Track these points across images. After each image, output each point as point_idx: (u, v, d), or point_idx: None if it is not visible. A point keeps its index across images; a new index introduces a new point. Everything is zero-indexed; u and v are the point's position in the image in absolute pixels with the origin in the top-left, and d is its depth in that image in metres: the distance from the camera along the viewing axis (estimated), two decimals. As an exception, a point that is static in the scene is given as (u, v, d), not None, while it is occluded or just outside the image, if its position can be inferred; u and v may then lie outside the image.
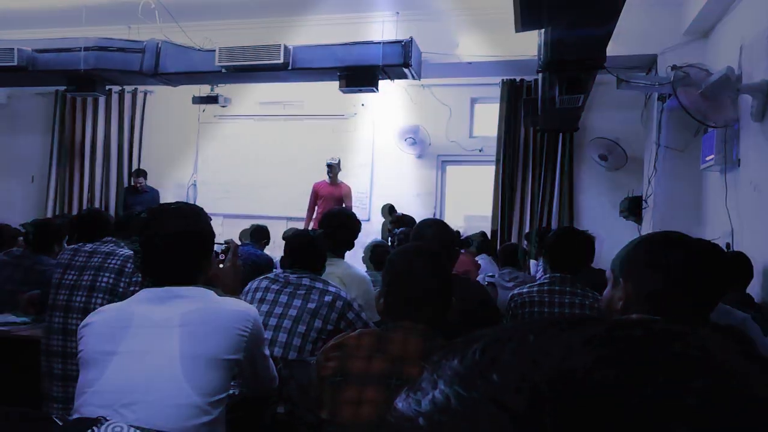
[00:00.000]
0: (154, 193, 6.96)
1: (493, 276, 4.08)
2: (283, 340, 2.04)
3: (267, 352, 1.58)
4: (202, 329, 1.40)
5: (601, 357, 0.24)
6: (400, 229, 5.28)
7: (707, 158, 4.08)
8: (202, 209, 1.59)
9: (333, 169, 6.34)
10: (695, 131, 4.50)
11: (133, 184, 7.00)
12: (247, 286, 2.24)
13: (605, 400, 0.22)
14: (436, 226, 2.26)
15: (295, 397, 1.66)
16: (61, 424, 0.97)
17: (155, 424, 1.27)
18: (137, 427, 1.17)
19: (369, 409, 1.31)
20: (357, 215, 2.99)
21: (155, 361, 1.37)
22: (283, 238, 2.53)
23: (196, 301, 1.44)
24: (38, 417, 0.89)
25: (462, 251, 3.59)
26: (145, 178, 6.92)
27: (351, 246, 2.77)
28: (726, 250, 3.46)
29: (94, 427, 0.97)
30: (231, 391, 1.49)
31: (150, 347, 1.38)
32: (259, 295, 2.17)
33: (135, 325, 1.40)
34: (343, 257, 2.71)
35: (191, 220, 1.51)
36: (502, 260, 4.16)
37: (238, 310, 1.47)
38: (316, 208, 6.41)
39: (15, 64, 5.28)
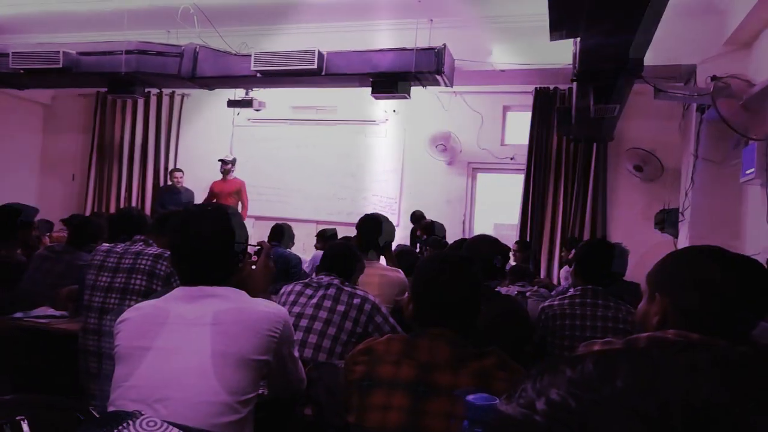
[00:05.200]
0: (189, 194, 7.11)
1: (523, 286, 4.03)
2: (313, 341, 2.06)
3: (297, 353, 1.60)
4: (234, 329, 1.43)
5: (725, 379, 0.26)
6: (431, 237, 5.26)
7: (747, 171, 3.96)
8: (236, 210, 1.62)
9: (224, 165, 6.87)
10: (735, 143, 4.38)
11: (171, 181, 7.18)
12: (282, 289, 2.28)
13: (729, 418, 0.23)
14: (488, 244, 2.27)
15: (323, 399, 1.67)
16: (97, 416, 1.00)
17: (186, 420, 1.29)
18: (170, 423, 1.19)
19: (396, 414, 1.31)
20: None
21: (187, 359, 1.39)
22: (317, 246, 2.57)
23: (229, 301, 1.47)
24: (77, 407, 0.91)
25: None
26: (183, 175, 7.12)
27: (387, 247, 2.84)
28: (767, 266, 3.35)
29: (129, 421, 1.00)
30: (260, 391, 1.51)
31: (183, 344, 1.41)
32: (292, 298, 2.20)
33: (170, 322, 1.44)
34: (378, 259, 2.76)
35: (226, 222, 1.54)
36: (511, 279, 4.13)
37: (269, 311, 1.49)
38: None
39: (60, 66, 5.47)
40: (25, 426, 1.12)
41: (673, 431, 0.23)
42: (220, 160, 6.91)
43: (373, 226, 2.79)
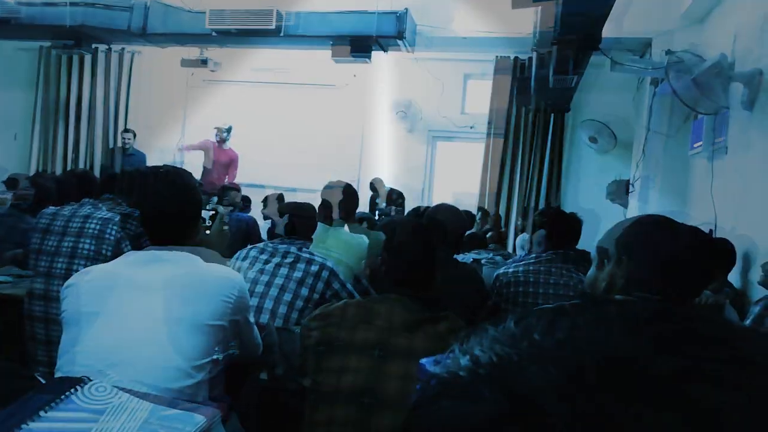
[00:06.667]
0: (141, 156, 6.87)
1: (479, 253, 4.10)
2: (269, 307, 2.05)
3: (252, 319, 1.59)
4: (187, 294, 1.40)
5: (631, 331, 0.27)
6: (393, 208, 5.27)
7: (695, 145, 4.10)
8: (190, 174, 1.58)
9: (219, 133, 6.74)
10: (685, 117, 4.52)
11: (120, 143, 6.92)
12: (236, 255, 2.25)
13: (635, 368, 0.24)
14: (450, 212, 2.28)
15: (279, 364, 1.68)
16: (44, 382, 0.96)
17: (138, 385, 1.27)
18: (120, 388, 1.17)
19: (352, 377, 1.33)
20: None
21: (139, 324, 1.37)
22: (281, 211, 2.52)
23: (181, 266, 1.43)
24: (22, 374, 0.88)
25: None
26: (134, 137, 6.84)
27: (353, 216, 2.84)
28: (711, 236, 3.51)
29: (78, 386, 0.97)
30: (215, 356, 1.50)
31: (134, 310, 1.38)
32: (246, 263, 2.18)
33: (119, 286, 1.40)
34: (343, 226, 2.77)
35: (180, 184, 1.50)
36: (469, 246, 4.20)
37: (223, 276, 1.46)
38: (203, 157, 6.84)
39: (-2, 16, 5.13)
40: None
41: (588, 380, 0.24)
42: (215, 128, 6.76)
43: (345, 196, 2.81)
